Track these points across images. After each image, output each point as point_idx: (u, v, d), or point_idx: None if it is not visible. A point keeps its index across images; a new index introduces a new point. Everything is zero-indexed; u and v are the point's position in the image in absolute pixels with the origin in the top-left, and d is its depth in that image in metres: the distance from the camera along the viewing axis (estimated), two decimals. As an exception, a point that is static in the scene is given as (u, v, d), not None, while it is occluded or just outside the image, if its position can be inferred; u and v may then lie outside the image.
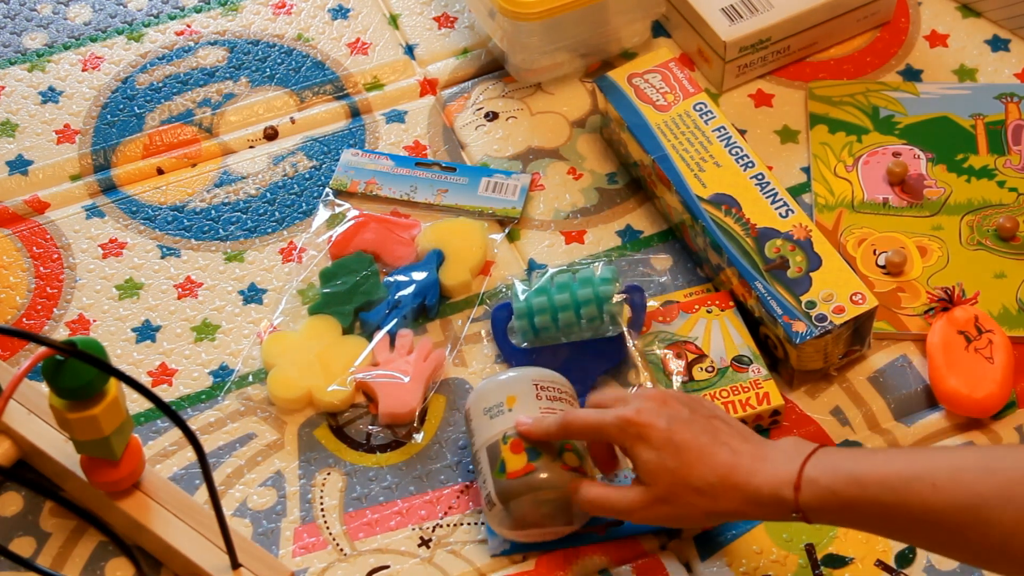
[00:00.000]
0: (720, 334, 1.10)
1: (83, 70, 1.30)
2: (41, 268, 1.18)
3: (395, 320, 1.11)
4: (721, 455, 0.92)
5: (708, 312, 1.11)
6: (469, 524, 1.03)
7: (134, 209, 1.21)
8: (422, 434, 1.07)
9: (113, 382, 0.93)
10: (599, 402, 0.99)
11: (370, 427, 1.08)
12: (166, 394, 1.10)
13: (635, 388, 1.07)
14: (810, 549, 1.01)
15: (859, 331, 1.07)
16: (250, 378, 1.11)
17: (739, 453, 0.92)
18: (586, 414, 0.97)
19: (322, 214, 1.19)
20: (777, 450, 0.92)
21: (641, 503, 0.94)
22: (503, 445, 0.98)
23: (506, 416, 0.99)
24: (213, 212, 1.21)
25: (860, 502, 0.87)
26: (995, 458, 0.87)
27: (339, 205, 1.19)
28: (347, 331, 1.12)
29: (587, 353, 1.09)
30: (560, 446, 0.98)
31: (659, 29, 1.32)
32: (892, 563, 1.00)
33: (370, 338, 1.11)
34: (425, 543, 1.02)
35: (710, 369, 1.08)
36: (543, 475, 0.96)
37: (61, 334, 1.14)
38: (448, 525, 1.03)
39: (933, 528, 0.85)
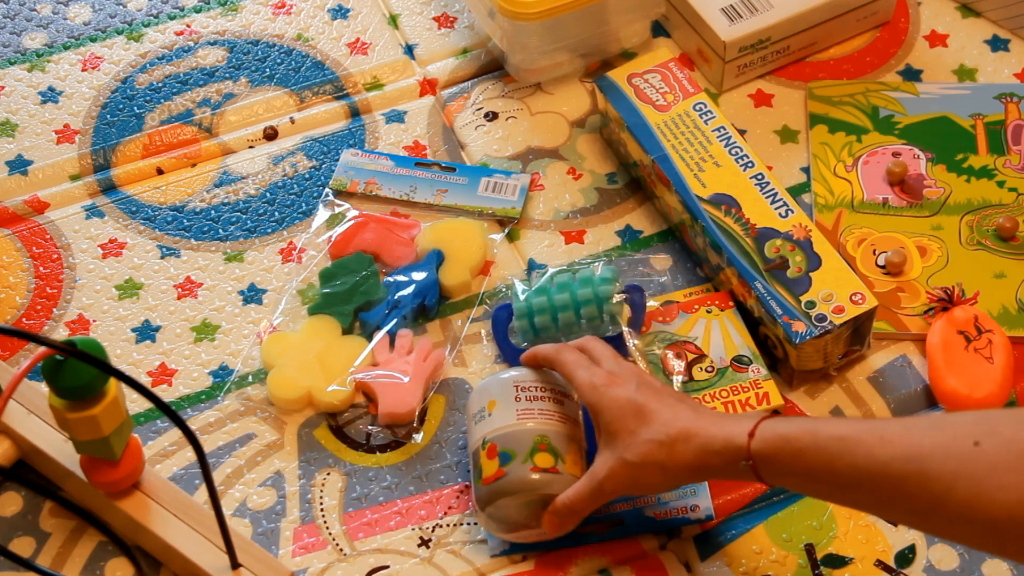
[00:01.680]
0: (720, 334, 1.10)
1: (83, 70, 1.30)
2: (41, 268, 1.18)
3: (395, 320, 1.11)
4: (683, 412, 0.94)
5: (708, 312, 1.11)
6: (469, 524, 1.03)
7: (134, 209, 1.21)
8: (422, 434, 1.07)
9: (113, 382, 0.93)
10: (584, 348, 1.01)
11: (370, 427, 1.08)
12: (166, 394, 1.10)
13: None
14: (810, 549, 1.01)
15: (859, 331, 1.07)
16: (250, 378, 1.11)
17: (701, 413, 0.94)
18: (565, 358, 1.00)
19: (322, 214, 1.19)
20: (742, 414, 0.95)
21: (603, 470, 0.94)
22: (481, 451, 0.99)
23: (487, 421, 1.00)
24: (213, 212, 1.21)
25: (809, 451, 0.87)
26: (946, 417, 0.88)
27: (339, 205, 1.20)
28: (347, 331, 1.12)
29: (587, 353, 1.09)
30: (533, 447, 0.97)
31: (659, 29, 1.32)
32: (892, 563, 1.00)
33: (370, 338, 1.11)
34: (425, 543, 1.02)
35: (710, 369, 1.08)
36: (512, 479, 0.97)
37: (61, 334, 1.14)
38: (448, 525, 1.03)
39: (876, 481, 0.85)
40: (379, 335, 1.11)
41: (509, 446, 0.98)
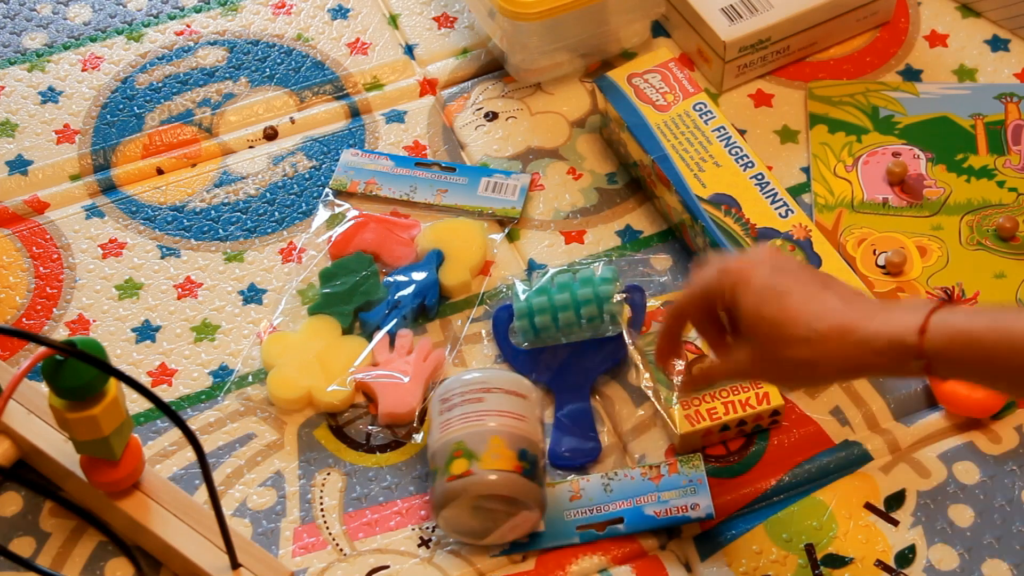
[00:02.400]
0: (720, 334, 1.10)
1: (83, 70, 1.30)
2: (41, 268, 1.18)
3: (395, 320, 1.11)
4: (830, 301, 0.84)
5: (708, 312, 1.11)
6: (469, 524, 1.03)
7: (134, 209, 1.21)
8: (422, 434, 1.07)
9: (113, 382, 0.93)
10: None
11: (370, 427, 1.08)
12: (166, 394, 1.10)
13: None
14: (810, 549, 1.01)
15: (859, 331, 1.07)
16: (250, 378, 1.11)
17: (851, 302, 0.84)
18: (687, 287, 0.91)
19: (322, 214, 1.19)
20: (898, 303, 0.84)
21: (743, 363, 0.87)
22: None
23: (428, 442, 1.03)
24: (213, 212, 1.21)
25: (1001, 350, 0.78)
26: None
27: (339, 205, 1.20)
28: (347, 331, 1.12)
29: (587, 353, 1.09)
30: (449, 456, 0.99)
31: (659, 29, 1.32)
32: (892, 563, 1.00)
33: (370, 338, 1.11)
34: (425, 543, 1.02)
35: (710, 369, 1.08)
36: (436, 494, 0.99)
37: (61, 334, 1.14)
38: (448, 525, 1.03)
39: None
40: (379, 335, 1.11)
41: (436, 462, 1.00)
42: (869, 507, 1.03)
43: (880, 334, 0.82)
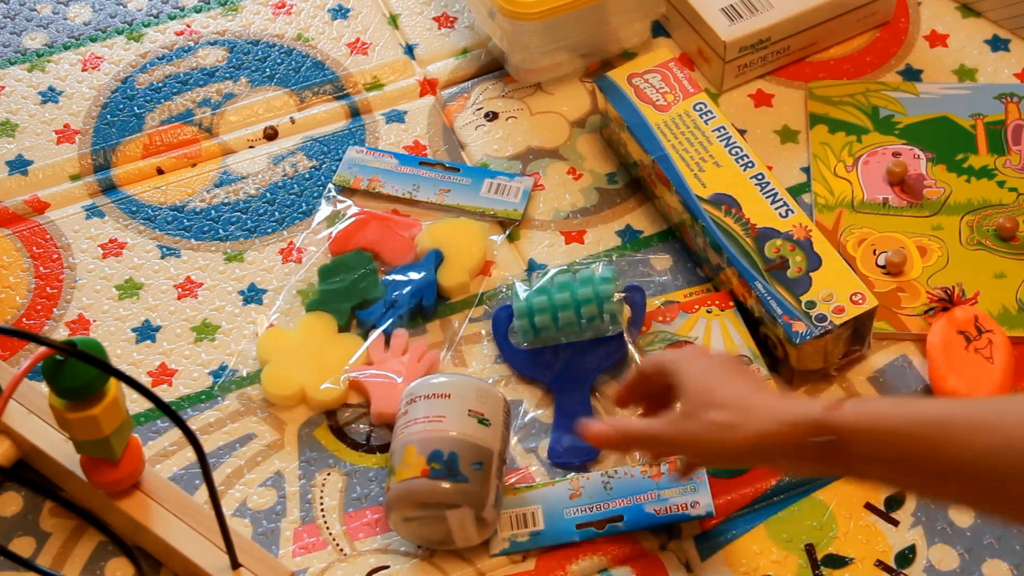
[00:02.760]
0: (720, 334, 1.10)
1: (83, 70, 1.30)
2: (41, 268, 1.18)
3: (391, 320, 1.11)
4: (754, 382, 0.89)
5: (708, 312, 1.11)
6: (469, 524, 1.03)
7: (134, 209, 1.21)
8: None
9: (113, 382, 0.93)
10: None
11: (362, 426, 1.08)
12: (166, 394, 1.10)
13: None
14: (810, 549, 1.01)
15: (859, 331, 1.07)
16: (250, 378, 1.11)
17: (775, 394, 0.90)
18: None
19: (324, 209, 1.19)
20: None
21: (667, 421, 0.90)
22: None
23: None
24: (213, 212, 1.21)
25: (899, 433, 0.80)
26: None
27: (341, 201, 1.20)
28: (343, 329, 1.11)
29: (587, 353, 1.09)
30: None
31: (659, 29, 1.32)
32: (892, 563, 1.00)
33: (365, 337, 1.11)
34: (425, 543, 1.02)
35: (710, 369, 1.08)
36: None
37: (61, 334, 1.14)
38: (448, 525, 1.03)
39: (970, 472, 0.78)
40: (375, 334, 1.11)
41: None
42: (869, 507, 1.03)
43: (794, 409, 0.85)
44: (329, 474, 1.06)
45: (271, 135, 1.26)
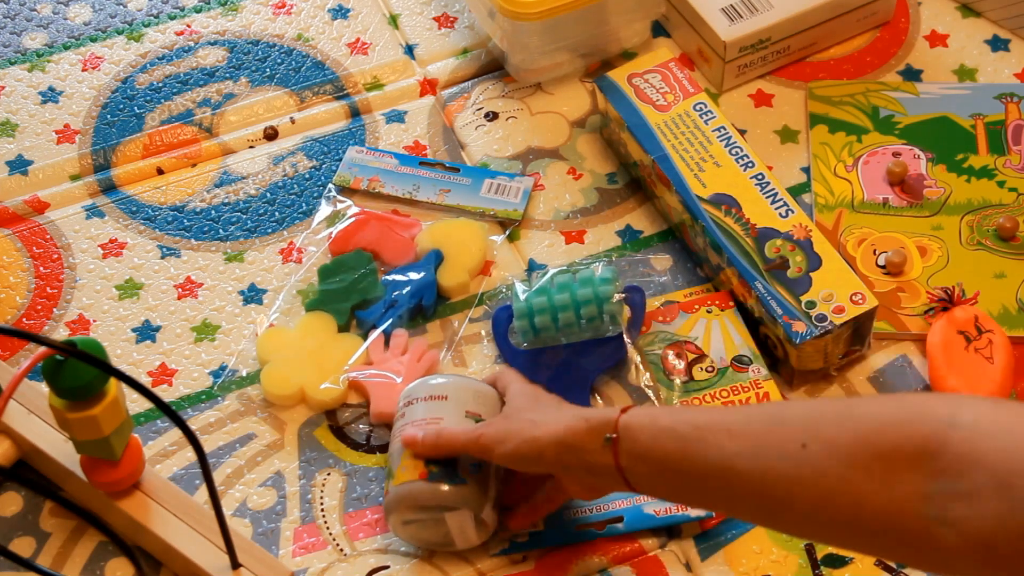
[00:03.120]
0: (720, 334, 1.10)
1: (83, 70, 1.30)
2: (41, 268, 1.18)
3: (391, 320, 1.11)
4: (558, 403, 0.98)
5: (708, 312, 1.11)
6: (469, 524, 1.03)
7: (134, 209, 1.21)
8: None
9: (113, 382, 0.93)
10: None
11: (361, 425, 1.08)
12: (166, 394, 1.10)
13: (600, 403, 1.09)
14: (810, 549, 1.01)
15: (859, 331, 1.07)
16: (249, 377, 1.11)
17: (572, 407, 0.97)
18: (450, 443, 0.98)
19: (324, 209, 1.19)
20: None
21: (485, 423, 0.97)
22: None
23: None
24: (213, 212, 1.21)
25: (666, 433, 0.86)
26: (783, 410, 0.85)
27: (341, 201, 1.20)
28: (343, 329, 1.12)
29: (587, 353, 1.09)
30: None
31: (659, 29, 1.32)
32: (892, 563, 1.00)
33: (365, 337, 1.11)
34: (425, 543, 1.02)
35: (710, 369, 1.08)
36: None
37: (61, 334, 1.14)
38: (448, 525, 1.03)
39: (724, 475, 0.82)
40: (374, 334, 1.11)
41: None
42: (869, 507, 1.03)
43: (595, 412, 0.93)
44: (329, 474, 1.06)
45: (271, 135, 1.26)
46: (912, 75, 1.28)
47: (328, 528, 1.03)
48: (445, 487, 0.96)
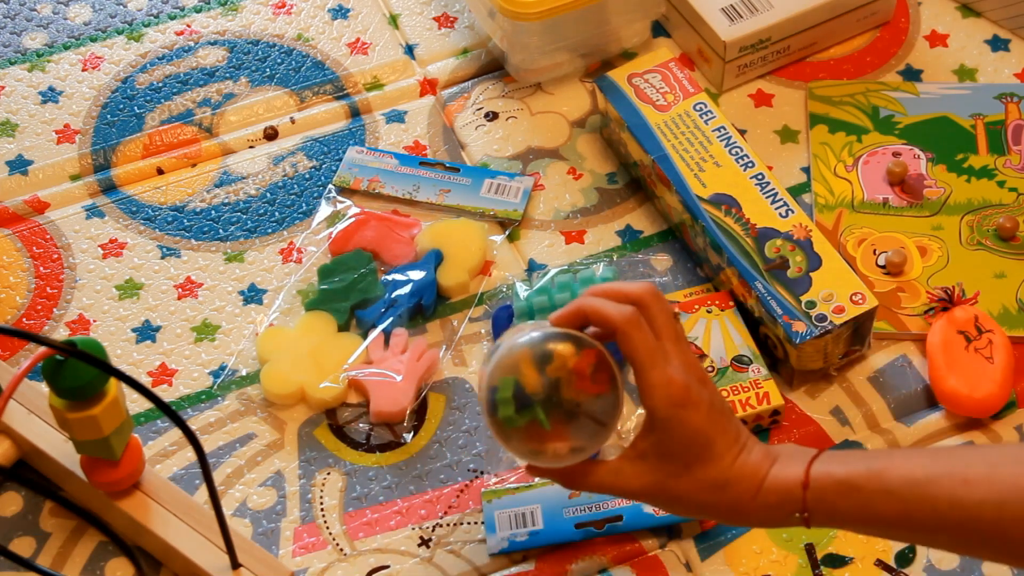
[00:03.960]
0: (720, 334, 1.10)
1: (83, 70, 1.30)
2: (41, 268, 1.18)
3: (390, 319, 1.11)
4: (736, 451, 0.86)
5: (708, 312, 1.11)
6: (469, 524, 1.03)
7: (134, 209, 1.21)
8: (412, 433, 1.07)
9: (113, 382, 0.93)
10: (643, 307, 0.88)
11: (361, 425, 1.08)
12: (166, 394, 1.10)
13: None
14: (810, 549, 1.01)
15: (859, 331, 1.07)
16: (249, 377, 1.11)
17: (751, 451, 0.86)
18: (635, 339, 0.85)
19: (324, 210, 1.19)
20: (784, 449, 0.87)
21: (637, 484, 0.87)
22: None
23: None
24: (213, 212, 1.21)
25: (879, 499, 0.81)
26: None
27: (341, 202, 1.20)
28: (342, 328, 1.12)
29: (587, 353, 1.09)
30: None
31: (659, 29, 1.32)
32: (892, 563, 1.00)
33: (365, 336, 1.11)
34: (425, 543, 1.02)
35: (710, 369, 1.08)
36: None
37: (61, 334, 1.14)
38: (448, 525, 1.03)
39: (962, 527, 0.78)
40: (374, 333, 1.11)
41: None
42: (869, 507, 1.03)
43: (771, 489, 0.84)
44: (329, 473, 1.06)
45: (271, 135, 1.26)
46: (912, 75, 1.28)
47: (328, 528, 1.03)
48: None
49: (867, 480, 0.82)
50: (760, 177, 1.13)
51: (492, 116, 1.26)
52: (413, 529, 1.03)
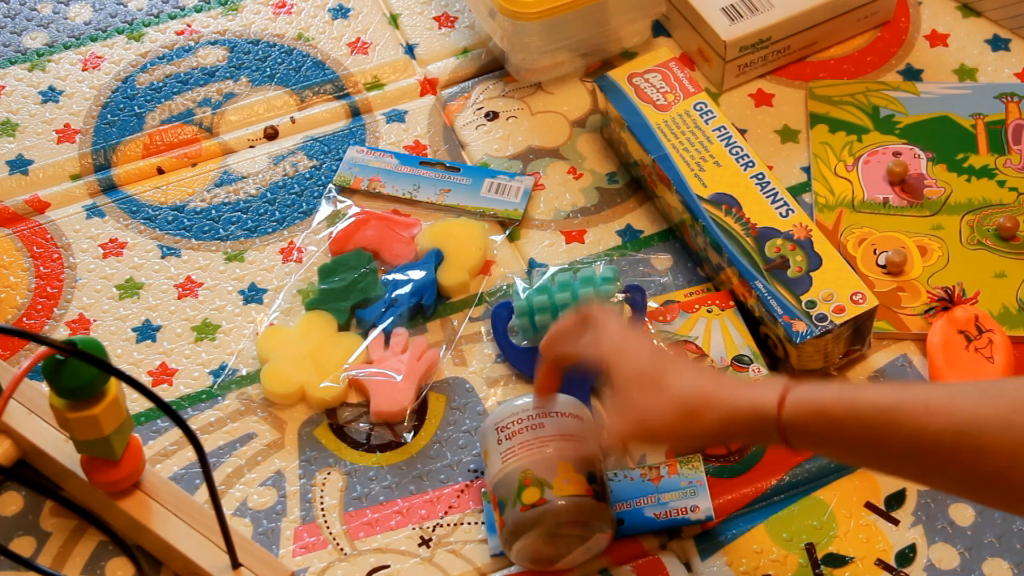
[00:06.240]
0: (720, 334, 1.10)
1: (83, 70, 1.30)
2: (41, 268, 1.18)
3: (391, 318, 1.11)
4: (700, 379, 0.90)
5: (708, 312, 1.11)
6: (469, 524, 1.03)
7: (134, 209, 1.21)
8: (412, 433, 1.07)
9: (113, 382, 0.93)
10: (590, 320, 0.96)
11: (361, 424, 1.08)
12: (166, 394, 1.10)
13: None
14: (810, 549, 1.01)
15: (859, 331, 1.07)
16: (249, 377, 1.11)
17: (720, 380, 0.90)
18: (569, 341, 0.96)
19: (324, 209, 1.20)
20: (763, 379, 0.91)
21: (621, 427, 0.92)
22: (493, 502, 1.00)
23: (487, 471, 1.00)
24: (213, 212, 1.21)
25: (848, 422, 0.83)
26: (992, 386, 0.84)
27: (341, 201, 1.20)
28: (343, 328, 1.12)
29: (587, 353, 1.09)
30: (519, 486, 0.96)
31: (659, 29, 1.32)
32: (892, 562, 1.00)
33: (365, 336, 1.11)
34: (425, 543, 1.02)
35: (710, 369, 1.08)
36: (510, 525, 0.97)
37: (61, 334, 1.14)
38: (448, 525, 1.03)
39: (924, 453, 0.81)
40: (374, 333, 1.11)
41: (502, 493, 0.98)
42: (869, 506, 1.03)
43: (743, 405, 0.88)
44: (329, 473, 1.06)
45: (271, 135, 1.26)
46: (912, 75, 1.28)
47: (328, 527, 1.03)
48: (608, 507, 0.97)
49: (838, 404, 0.85)
50: (760, 177, 1.13)
51: (492, 116, 1.26)
52: (413, 529, 1.03)
